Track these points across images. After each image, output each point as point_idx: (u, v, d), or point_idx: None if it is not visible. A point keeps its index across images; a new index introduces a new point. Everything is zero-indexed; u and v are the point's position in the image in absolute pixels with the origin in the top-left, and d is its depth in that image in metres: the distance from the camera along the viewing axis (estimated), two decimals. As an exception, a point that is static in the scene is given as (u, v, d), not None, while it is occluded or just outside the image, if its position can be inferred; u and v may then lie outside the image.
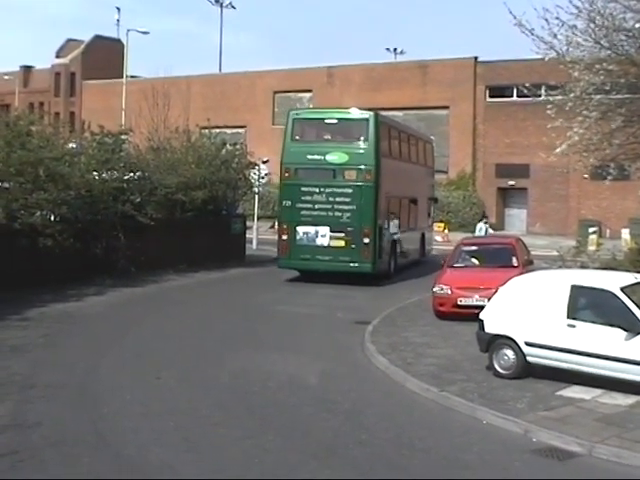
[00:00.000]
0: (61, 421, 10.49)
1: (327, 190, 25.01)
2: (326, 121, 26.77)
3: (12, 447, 9.32)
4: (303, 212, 25.14)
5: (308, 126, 26.78)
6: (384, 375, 13.49)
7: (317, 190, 25.09)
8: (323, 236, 24.97)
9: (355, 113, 26.70)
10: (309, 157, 25.30)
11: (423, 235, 32.81)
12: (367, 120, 25.29)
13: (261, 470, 8.89)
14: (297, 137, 26.01)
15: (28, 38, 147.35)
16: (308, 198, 25.16)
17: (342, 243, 24.83)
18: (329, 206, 24.98)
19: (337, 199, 24.94)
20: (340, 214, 24.85)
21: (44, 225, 21.05)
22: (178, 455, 9.24)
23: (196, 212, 28.99)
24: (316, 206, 25.08)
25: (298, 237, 25.23)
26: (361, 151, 25.10)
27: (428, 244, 34.01)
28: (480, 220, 31.10)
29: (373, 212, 24.86)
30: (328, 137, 26.65)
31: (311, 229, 25.09)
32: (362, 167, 24.85)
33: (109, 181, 24.94)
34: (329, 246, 24.91)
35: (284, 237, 25.52)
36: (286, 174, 25.73)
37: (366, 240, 24.59)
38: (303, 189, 25.18)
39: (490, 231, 30.01)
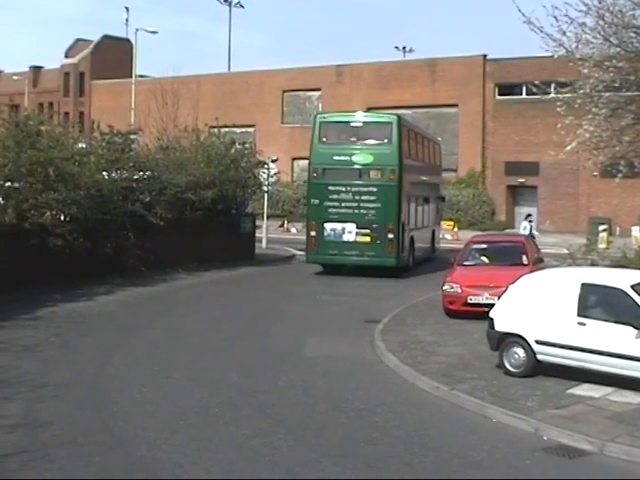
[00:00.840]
0: (72, 420, 10.53)
1: (353, 189, 26.44)
2: (351, 124, 28.05)
3: (23, 446, 9.35)
4: (330, 210, 26.56)
5: (334, 129, 28.12)
6: (394, 373, 13.49)
7: (344, 189, 26.52)
8: (350, 232, 26.40)
9: (379, 116, 28.88)
10: (336, 158, 26.73)
11: (433, 232, 33.96)
12: (391, 123, 26.83)
13: (272, 469, 8.90)
14: (324, 139, 27.33)
15: (37, 38, 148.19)
16: (335, 196, 26.56)
17: (368, 239, 26.29)
18: (355, 204, 26.38)
19: (363, 197, 26.35)
20: (366, 211, 26.29)
21: (54, 225, 21.10)
22: (189, 454, 9.25)
23: (206, 211, 29.03)
24: (343, 204, 26.48)
25: (326, 233, 26.63)
26: (385, 152, 26.44)
27: (437, 242, 35.03)
28: (525, 219, 31.10)
29: (397, 210, 26.30)
30: (354, 139, 27.57)
31: (338, 226, 26.51)
32: (386, 167, 26.30)
33: (118, 181, 24.99)
34: (355, 242, 26.40)
35: (312, 233, 26.98)
36: (314, 174, 27.20)
37: (390, 236, 26.03)
38: (330, 188, 26.57)
39: (535, 232, 29.80)
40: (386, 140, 26.58)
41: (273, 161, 35.99)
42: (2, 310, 18.10)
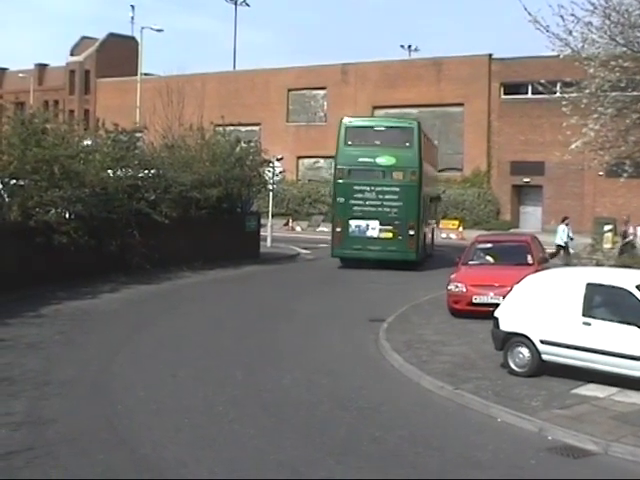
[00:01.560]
0: (76, 418, 10.54)
1: (377, 188, 28.38)
2: (375, 128, 30.16)
3: (27, 443, 9.36)
4: (355, 208, 28.48)
5: (359, 133, 29.84)
6: (399, 373, 13.47)
7: (368, 188, 28.45)
8: (373, 229, 28.36)
9: (401, 122, 31.95)
10: (360, 159, 28.69)
11: (433, 230, 35.53)
12: (412, 128, 29.18)
13: (276, 468, 8.89)
14: (349, 142, 29.15)
15: (43, 36, 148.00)
16: (360, 195, 28.47)
17: (390, 235, 28.25)
18: (378, 202, 28.30)
19: (386, 196, 28.30)
20: (388, 209, 28.25)
21: (59, 222, 21.12)
22: (193, 452, 9.26)
23: (210, 210, 29.00)
24: (367, 202, 28.40)
25: (351, 230, 28.54)
26: (407, 155, 28.53)
27: (435, 239, 36.63)
28: (562, 222, 30.98)
29: (417, 208, 28.44)
30: (377, 142, 29.11)
31: (362, 222, 28.42)
32: (408, 169, 28.35)
33: (124, 179, 25.01)
34: (378, 237, 28.33)
35: (338, 229, 28.90)
36: (340, 174, 29.16)
37: (411, 232, 28.10)
38: (355, 187, 28.52)
39: (571, 234, 29.58)
40: (407, 144, 28.54)
41: (278, 160, 36.02)
42: (7, 307, 18.15)
